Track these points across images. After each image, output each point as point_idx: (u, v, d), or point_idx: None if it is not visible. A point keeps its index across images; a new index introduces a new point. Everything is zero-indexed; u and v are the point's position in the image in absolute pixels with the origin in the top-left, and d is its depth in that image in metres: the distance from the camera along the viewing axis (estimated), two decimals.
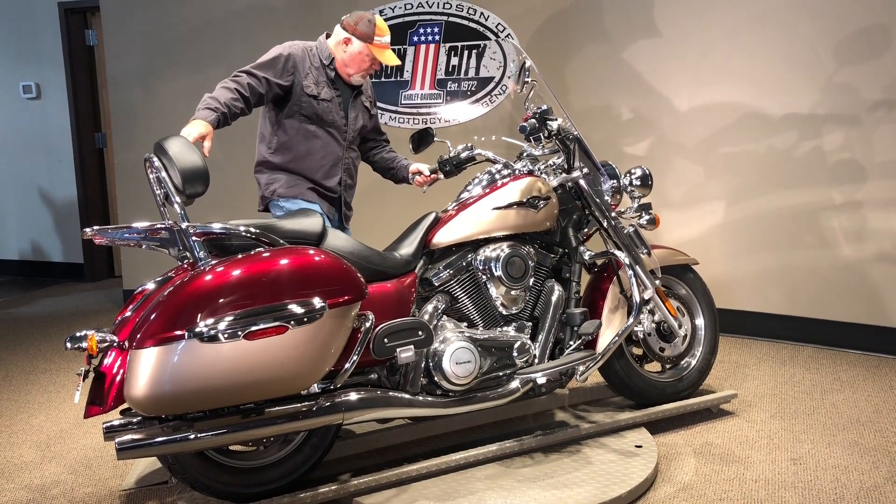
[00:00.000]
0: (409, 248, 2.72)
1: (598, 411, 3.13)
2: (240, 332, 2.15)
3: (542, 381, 2.75)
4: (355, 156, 3.22)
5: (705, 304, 3.32)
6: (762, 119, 4.27)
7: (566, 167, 3.03)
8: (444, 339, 2.62)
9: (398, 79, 4.77)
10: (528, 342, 2.77)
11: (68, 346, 2.19)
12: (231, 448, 2.45)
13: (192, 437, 2.20)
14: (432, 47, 4.74)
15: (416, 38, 4.76)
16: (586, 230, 3.09)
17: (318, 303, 2.26)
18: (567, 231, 3.02)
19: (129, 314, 2.31)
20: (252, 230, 2.39)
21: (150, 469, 2.79)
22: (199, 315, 2.12)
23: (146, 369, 2.08)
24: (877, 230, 4.04)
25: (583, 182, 2.98)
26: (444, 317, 2.73)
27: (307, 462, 2.49)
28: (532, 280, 2.86)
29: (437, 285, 2.75)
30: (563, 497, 2.45)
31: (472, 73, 4.69)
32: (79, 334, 2.20)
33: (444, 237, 2.77)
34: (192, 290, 2.15)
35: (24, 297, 6.11)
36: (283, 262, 2.27)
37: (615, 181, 3.08)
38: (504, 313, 2.83)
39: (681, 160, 4.51)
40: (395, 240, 2.81)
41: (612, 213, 3.02)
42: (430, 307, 2.69)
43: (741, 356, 4.10)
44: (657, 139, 4.56)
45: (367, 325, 2.42)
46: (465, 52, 4.71)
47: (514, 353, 2.73)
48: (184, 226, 2.29)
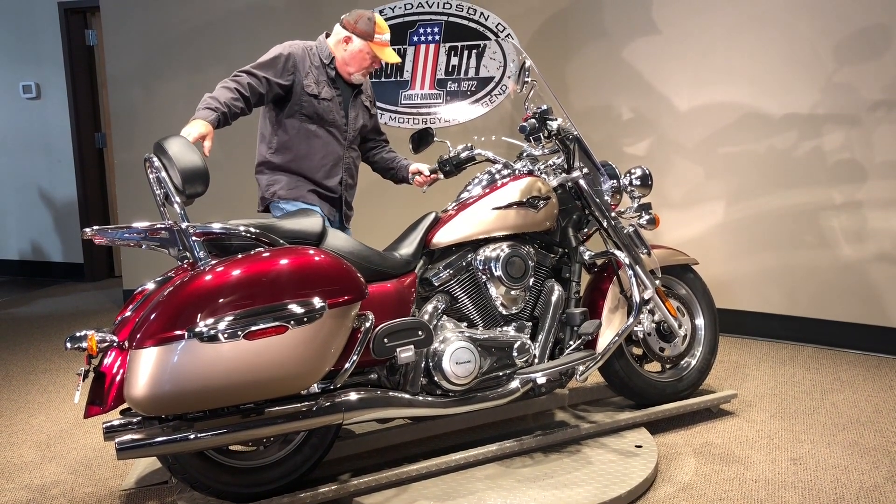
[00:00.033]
0: (409, 248, 2.72)
1: (598, 411, 3.13)
2: (240, 332, 2.15)
3: (541, 381, 2.75)
4: (356, 155, 3.22)
5: (705, 303, 3.32)
6: (762, 119, 4.27)
7: (566, 167, 3.04)
8: (444, 339, 2.62)
9: (398, 79, 4.77)
10: (528, 342, 2.77)
11: (68, 346, 2.19)
12: (231, 448, 2.45)
13: (192, 437, 2.20)
14: (432, 47, 4.74)
15: (415, 38, 4.76)
16: (586, 230, 3.09)
17: (317, 303, 2.26)
18: (567, 231, 3.02)
19: (128, 314, 2.31)
20: (252, 230, 2.39)
21: (150, 469, 2.79)
22: (199, 315, 2.12)
23: (146, 369, 2.08)
24: (877, 230, 4.04)
25: (583, 182, 2.98)
26: (444, 317, 2.73)
27: (307, 462, 2.49)
28: (532, 280, 2.86)
29: (436, 285, 2.75)
30: (562, 497, 2.45)
31: (472, 73, 4.69)
32: (79, 334, 2.20)
33: (443, 237, 2.77)
34: (192, 290, 2.15)
35: (24, 297, 6.11)
36: (283, 262, 2.27)
37: (615, 181, 3.08)
38: (504, 313, 2.83)
39: (681, 160, 4.51)
40: (395, 240, 2.81)
41: (612, 213, 3.02)
42: (429, 307, 2.69)
43: (741, 356, 4.10)
44: (657, 139, 4.56)
45: (367, 324, 2.42)
46: (465, 52, 4.71)
47: (514, 353, 2.73)
48: (184, 226, 2.29)
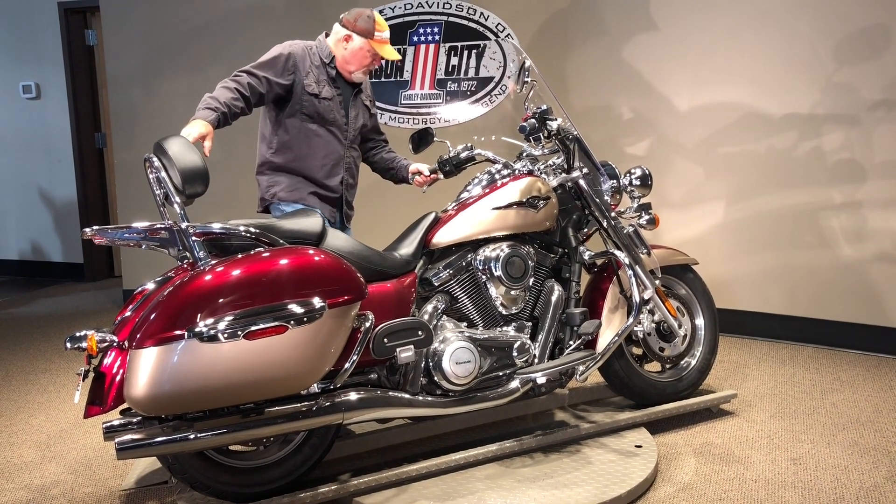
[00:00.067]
0: (408, 248, 2.72)
1: (598, 411, 3.13)
2: (239, 332, 2.15)
3: (541, 380, 2.75)
4: (356, 155, 3.22)
5: (705, 303, 3.32)
6: (762, 119, 4.27)
7: (566, 167, 3.04)
8: (444, 339, 2.62)
9: (398, 79, 4.77)
10: (528, 342, 2.77)
11: (68, 346, 2.19)
12: (231, 448, 2.45)
13: (192, 437, 2.20)
14: (432, 47, 4.74)
15: (415, 38, 4.76)
16: (586, 230, 3.09)
17: (317, 303, 2.26)
18: (567, 231, 3.02)
19: (128, 314, 2.31)
20: (252, 230, 2.39)
21: (149, 469, 2.79)
22: (199, 315, 2.12)
23: (146, 369, 2.08)
24: (877, 230, 4.04)
25: (582, 182, 2.98)
26: (444, 317, 2.73)
27: (307, 462, 2.49)
28: (532, 280, 2.86)
29: (436, 285, 2.75)
30: (562, 497, 2.45)
31: (471, 73, 4.69)
32: (78, 334, 2.20)
33: (443, 237, 2.77)
34: (192, 290, 2.15)
35: (23, 297, 6.11)
36: (283, 261, 2.27)
37: (615, 181, 3.08)
38: (504, 313, 2.83)
39: (681, 160, 4.51)
40: (394, 240, 2.81)
41: (612, 213, 3.02)
42: (429, 307, 2.69)
43: (741, 356, 4.10)
44: (657, 139, 4.57)
45: (367, 324, 2.42)
46: (465, 52, 4.71)
47: (514, 353, 2.73)
48: (183, 226, 2.29)
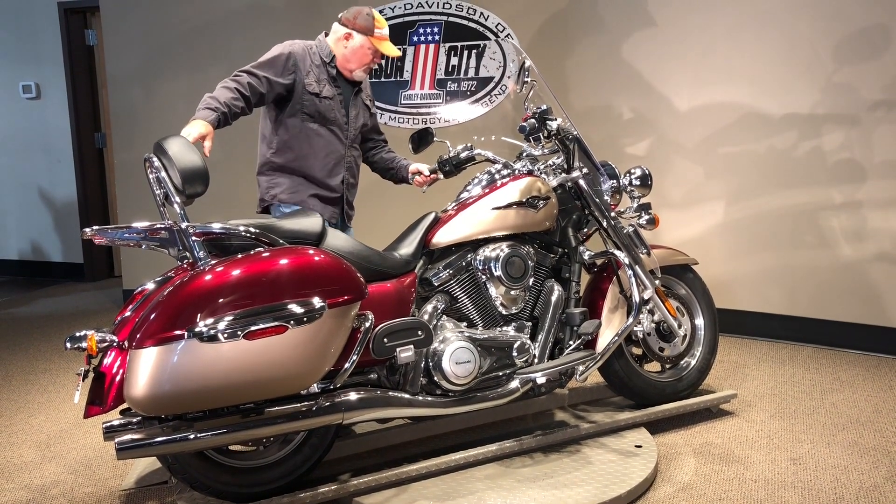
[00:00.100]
0: (408, 248, 2.72)
1: (598, 411, 3.13)
2: (239, 332, 2.15)
3: (541, 380, 2.75)
4: (357, 154, 3.21)
5: (705, 303, 3.32)
6: (762, 119, 4.27)
7: (566, 167, 3.04)
8: (444, 339, 2.62)
9: (398, 79, 4.77)
10: (528, 342, 2.77)
11: (68, 346, 2.19)
12: (231, 448, 2.45)
13: (192, 437, 2.20)
14: (432, 47, 4.74)
15: (415, 38, 4.76)
16: (586, 230, 3.09)
17: (317, 302, 2.26)
18: (567, 231, 3.02)
19: (128, 314, 2.31)
20: (252, 230, 2.39)
21: (149, 469, 2.79)
22: (199, 315, 2.12)
23: (146, 369, 2.08)
24: (877, 230, 4.04)
25: (582, 182, 2.98)
26: (444, 317, 2.73)
27: (307, 462, 2.49)
28: (532, 280, 2.86)
29: (436, 285, 2.75)
30: (562, 497, 2.45)
31: (471, 73, 4.69)
32: (78, 334, 2.20)
33: (443, 237, 2.77)
34: (192, 290, 2.15)
35: (23, 297, 6.11)
36: (283, 261, 2.27)
37: (615, 181, 3.08)
38: (504, 313, 2.83)
39: (681, 160, 4.51)
40: (394, 240, 2.81)
41: (612, 213, 3.02)
42: (429, 307, 2.69)
43: (741, 356, 4.10)
44: (657, 139, 4.57)
45: (367, 324, 2.42)
46: (465, 52, 4.71)
47: (514, 353, 2.73)
48: (183, 226, 2.29)
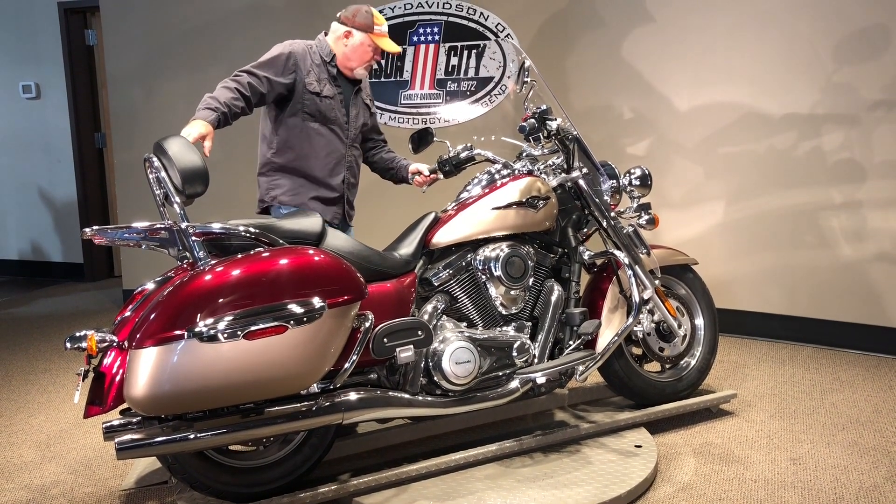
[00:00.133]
0: (408, 248, 2.72)
1: (598, 411, 3.13)
2: (239, 332, 2.15)
3: (541, 380, 2.75)
4: (358, 154, 3.21)
5: (705, 303, 3.32)
6: (762, 119, 4.27)
7: (565, 167, 3.04)
8: (444, 339, 2.62)
9: (398, 79, 4.78)
10: (528, 342, 2.77)
11: (68, 346, 2.19)
12: (231, 448, 2.45)
13: (192, 436, 2.20)
14: (432, 47, 4.74)
15: (415, 38, 4.76)
16: (586, 230, 3.09)
17: (317, 302, 2.26)
18: (566, 231, 3.02)
19: (128, 314, 2.31)
20: (251, 230, 2.39)
21: (149, 469, 2.79)
22: (199, 315, 2.12)
23: (146, 369, 2.08)
24: (876, 230, 4.04)
25: (582, 182, 2.98)
26: (444, 317, 2.73)
27: (307, 462, 2.49)
28: (531, 280, 2.86)
29: (436, 285, 2.75)
30: (562, 497, 2.45)
31: (471, 73, 4.69)
32: (78, 334, 2.20)
33: (443, 237, 2.77)
34: (192, 290, 2.15)
35: (23, 297, 6.11)
36: (283, 261, 2.27)
37: (614, 181, 3.08)
38: (504, 313, 2.83)
39: (680, 160, 4.51)
40: (394, 240, 2.81)
41: (612, 213, 3.02)
42: (429, 307, 2.69)
43: (741, 356, 4.10)
44: (657, 139, 4.57)
45: (367, 324, 2.42)
46: (465, 52, 4.71)
47: (514, 353, 2.73)
48: (183, 226, 2.29)
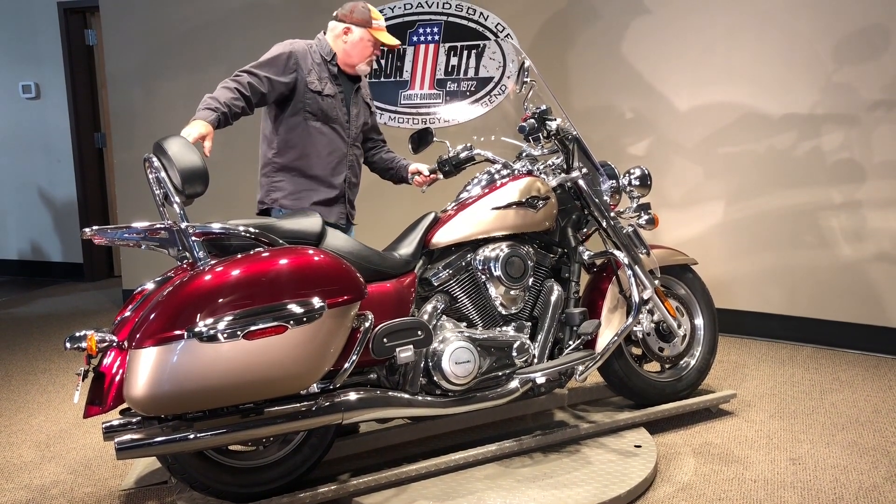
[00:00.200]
0: (408, 248, 2.72)
1: (598, 411, 3.13)
2: (239, 332, 2.15)
3: (541, 380, 2.75)
4: (359, 153, 3.20)
5: (704, 303, 3.32)
6: (762, 119, 4.27)
7: (565, 167, 3.04)
8: (444, 339, 2.62)
9: (397, 79, 4.78)
10: (528, 342, 2.77)
11: (68, 346, 2.19)
12: (230, 448, 2.45)
13: (192, 436, 2.20)
14: (432, 47, 4.74)
15: (415, 38, 4.76)
16: (585, 230, 3.09)
17: (317, 302, 2.26)
18: (566, 231, 3.02)
19: (128, 314, 2.31)
20: (251, 230, 2.39)
21: (149, 469, 2.79)
22: (199, 315, 2.12)
23: (145, 369, 2.08)
24: (876, 230, 4.04)
25: (582, 182, 2.98)
26: (444, 317, 2.73)
27: (306, 462, 2.49)
28: (531, 280, 2.86)
29: (436, 285, 2.75)
30: (562, 497, 2.45)
31: (471, 73, 4.69)
32: (78, 334, 2.20)
33: (443, 237, 2.77)
34: (192, 290, 2.15)
35: (23, 297, 6.11)
36: (283, 261, 2.27)
37: (614, 181, 3.08)
38: (503, 313, 2.83)
39: (680, 160, 4.51)
40: (394, 240, 2.81)
41: (611, 213, 3.02)
42: (429, 307, 2.69)
43: (740, 356, 4.10)
44: (657, 139, 4.57)
45: (367, 324, 2.42)
46: (465, 52, 4.71)
47: (514, 353, 2.73)
48: (183, 226, 2.29)
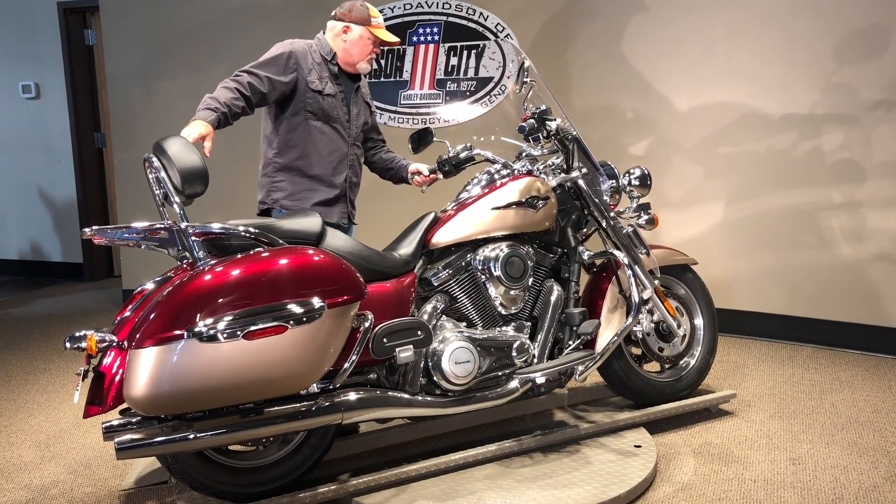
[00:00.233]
0: (408, 248, 2.72)
1: (597, 411, 3.13)
2: (239, 332, 2.15)
3: (541, 380, 2.75)
4: (360, 153, 3.20)
5: (704, 303, 3.32)
6: (762, 119, 4.27)
7: (565, 167, 3.04)
8: (444, 339, 2.62)
9: (397, 79, 4.78)
10: (527, 342, 2.77)
11: (67, 345, 2.19)
12: (230, 448, 2.45)
13: (192, 436, 2.20)
14: (431, 47, 4.74)
15: (415, 39, 4.77)
16: (585, 230, 3.09)
17: (317, 302, 2.26)
18: (566, 231, 3.02)
19: (128, 314, 2.31)
20: (251, 230, 2.39)
21: (149, 469, 2.79)
22: (199, 315, 2.12)
23: (145, 369, 2.08)
24: (876, 230, 4.04)
25: (581, 182, 2.98)
26: (444, 316, 2.73)
27: (306, 462, 2.49)
28: (531, 280, 2.86)
29: (436, 285, 2.75)
30: (562, 497, 2.45)
31: (471, 73, 4.69)
32: (78, 334, 2.20)
33: (443, 237, 2.77)
34: (192, 290, 2.15)
35: (23, 297, 6.11)
36: (283, 261, 2.27)
37: (614, 181, 3.08)
38: (503, 313, 2.83)
39: (680, 160, 4.51)
40: (394, 240, 2.81)
41: (611, 213, 3.02)
42: (429, 307, 2.69)
43: (740, 356, 4.10)
44: (657, 139, 4.57)
45: (367, 324, 2.42)
46: (465, 52, 4.71)
47: (513, 353, 2.73)
48: (183, 226, 2.29)
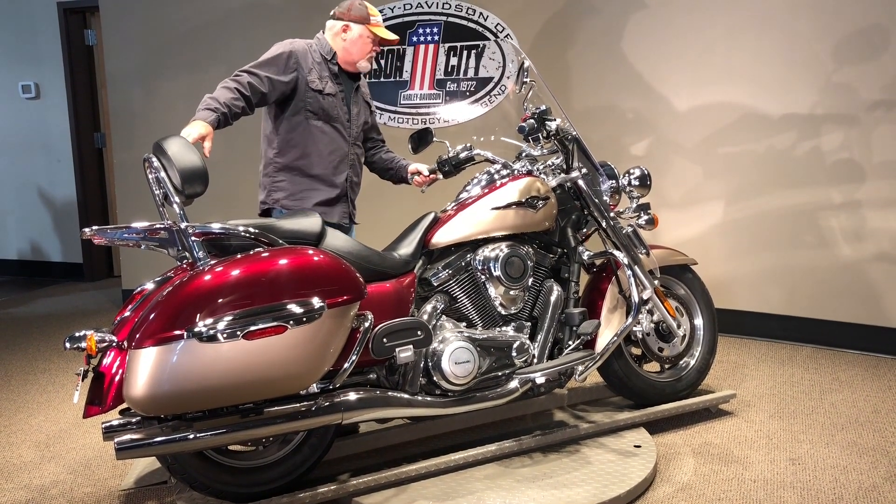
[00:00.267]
0: (408, 248, 2.72)
1: (597, 411, 3.13)
2: (239, 332, 2.15)
3: (540, 380, 2.75)
4: (360, 152, 3.20)
5: (704, 303, 3.32)
6: (762, 119, 4.28)
7: (565, 167, 3.04)
8: (443, 339, 2.62)
9: (397, 79, 4.78)
10: (527, 342, 2.77)
11: (67, 346, 2.19)
12: (230, 448, 2.45)
13: (191, 436, 2.20)
14: (431, 47, 4.74)
15: (415, 39, 4.77)
16: (585, 230, 3.09)
17: (317, 303, 2.26)
18: (566, 231, 3.02)
19: (128, 314, 2.31)
20: (251, 230, 2.39)
21: (149, 469, 2.79)
22: (198, 315, 2.12)
23: (145, 369, 2.08)
24: (876, 230, 4.04)
25: (581, 182, 2.98)
26: (443, 317, 2.73)
27: (306, 462, 2.49)
28: (531, 280, 2.86)
29: (436, 285, 2.75)
30: (561, 497, 2.45)
31: (471, 74, 4.69)
32: (78, 334, 2.20)
33: (442, 237, 2.77)
34: (191, 290, 2.15)
35: (23, 297, 6.11)
36: (282, 261, 2.27)
37: (614, 181, 3.08)
38: (503, 313, 2.83)
39: (680, 160, 4.52)
40: (394, 240, 2.81)
41: (611, 214, 3.02)
42: (429, 307, 2.69)
43: (740, 356, 4.10)
44: (656, 139, 4.57)
45: (366, 324, 2.42)
46: (465, 53, 4.71)
47: (513, 353, 2.73)
48: (183, 226, 2.29)
